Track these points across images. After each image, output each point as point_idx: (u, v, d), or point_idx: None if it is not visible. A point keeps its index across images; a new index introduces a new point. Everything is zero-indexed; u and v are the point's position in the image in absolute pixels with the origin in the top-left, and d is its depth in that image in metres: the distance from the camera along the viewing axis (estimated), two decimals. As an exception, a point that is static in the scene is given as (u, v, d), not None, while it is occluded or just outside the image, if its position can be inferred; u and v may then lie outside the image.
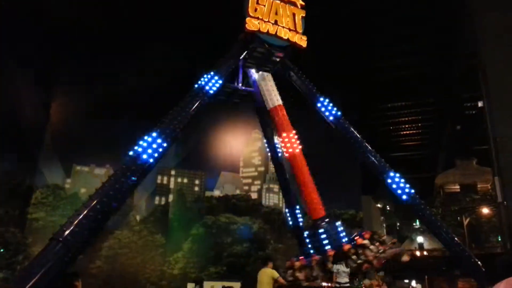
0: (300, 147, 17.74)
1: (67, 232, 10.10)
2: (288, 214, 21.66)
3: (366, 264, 12.85)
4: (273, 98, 18.69)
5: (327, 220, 16.06)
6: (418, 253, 45.14)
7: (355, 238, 14.60)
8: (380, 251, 13.22)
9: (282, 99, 18.70)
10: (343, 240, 14.94)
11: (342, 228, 15.78)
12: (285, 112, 18.45)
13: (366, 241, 13.60)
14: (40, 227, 35.72)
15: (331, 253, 13.37)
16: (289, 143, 17.72)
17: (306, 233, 16.90)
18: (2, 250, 30.84)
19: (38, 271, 9.57)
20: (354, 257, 13.09)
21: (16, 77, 37.48)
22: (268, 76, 19.21)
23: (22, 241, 33.32)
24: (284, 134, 17.90)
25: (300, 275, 12.83)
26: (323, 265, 12.99)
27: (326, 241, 14.81)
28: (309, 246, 15.94)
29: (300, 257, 14.68)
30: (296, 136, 17.90)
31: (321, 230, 15.40)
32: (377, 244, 13.61)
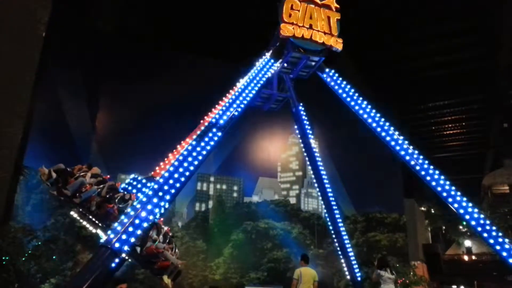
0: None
1: (115, 239, 10.48)
2: (328, 219, 21.44)
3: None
4: None
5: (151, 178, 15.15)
6: (466, 258, 43.40)
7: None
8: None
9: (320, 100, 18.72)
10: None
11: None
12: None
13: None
14: (88, 235, 37.08)
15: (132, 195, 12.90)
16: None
17: (133, 177, 15.31)
18: (54, 257, 32.25)
19: (89, 278, 9.99)
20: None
21: (63, 89, 39.38)
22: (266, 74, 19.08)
23: (72, 248, 34.73)
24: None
25: (88, 177, 11.89)
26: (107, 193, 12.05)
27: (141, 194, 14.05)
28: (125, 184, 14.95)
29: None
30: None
31: (149, 185, 14.14)
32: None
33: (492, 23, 29.42)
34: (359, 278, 20.25)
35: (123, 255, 10.89)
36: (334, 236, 20.88)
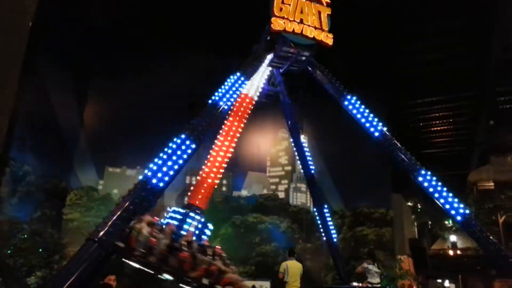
0: (235, 140, 17.98)
1: (102, 232, 10.41)
2: (316, 213, 21.61)
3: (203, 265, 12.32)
4: (253, 88, 18.72)
5: (198, 212, 16.31)
6: (451, 252, 44.03)
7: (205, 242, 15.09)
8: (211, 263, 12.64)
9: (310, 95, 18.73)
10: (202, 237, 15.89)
11: (208, 231, 16.64)
12: (249, 107, 18.55)
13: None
14: (75, 228, 36.82)
15: (190, 234, 13.94)
16: (230, 131, 17.92)
17: (173, 209, 16.70)
18: (40, 250, 31.95)
19: (75, 271, 9.93)
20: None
21: (52, 82, 38.79)
22: (266, 71, 19.20)
23: (59, 241, 34.43)
24: (233, 122, 17.98)
25: (146, 228, 11.79)
26: (172, 239, 12.54)
27: (187, 226, 15.37)
28: (168, 219, 15.91)
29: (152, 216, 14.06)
30: (240, 130, 18.09)
31: (191, 214, 15.76)
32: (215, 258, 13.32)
33: (483, 22, 29.68)
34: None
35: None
36: (322, 230, 21.07)
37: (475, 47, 33.31)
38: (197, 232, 15.59)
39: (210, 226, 16.94)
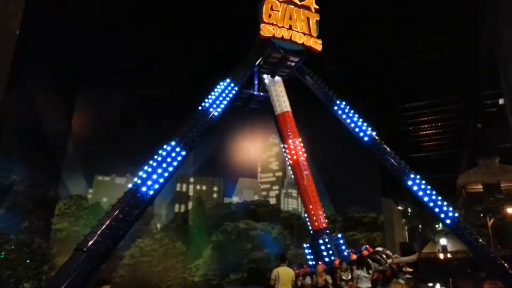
0: (305, 155, 17.79)
1: (90, 242, 10.26)
2: (307, 219, 21.58)
3: (389, 270, 12.71)
4: (282, 103, 18.62)
5: (327, 232, 16.28)
6: (441, 256, 44.25)
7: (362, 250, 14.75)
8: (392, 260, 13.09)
9: (301, 101, 18.65)
10: (345, 253, 15.44)
11: (342, 241, 16.30)
12: (292, 119, 18.38)
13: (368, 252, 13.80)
14: (64, 237, 36.38)
15: (337, 261, 13.65)
16: (294, 150, 17.71)
17: (305, 245, 17.21)
18: (28, 261, 31.42)
19: (64, 281, 9.74)
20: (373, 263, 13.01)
21: (39, 91, 38.41)
22: (279, 81, 19.22)
23: (47, 251, 33.90)
24: (290, 141, 17.80)
25: (305, 282, 12.44)
26: (331, 273, 12.86)
27: (325, 252, 15.22)
28: (309, 256, 16.27)
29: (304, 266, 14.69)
30: (301, 144, 17.90)
31: (320, 241, 15.66)
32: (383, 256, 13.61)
33: (471, 24, 30.12)
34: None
35: None
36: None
37: (461, 51, 33.82)
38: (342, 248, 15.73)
39: (339, 235, 17.06)
